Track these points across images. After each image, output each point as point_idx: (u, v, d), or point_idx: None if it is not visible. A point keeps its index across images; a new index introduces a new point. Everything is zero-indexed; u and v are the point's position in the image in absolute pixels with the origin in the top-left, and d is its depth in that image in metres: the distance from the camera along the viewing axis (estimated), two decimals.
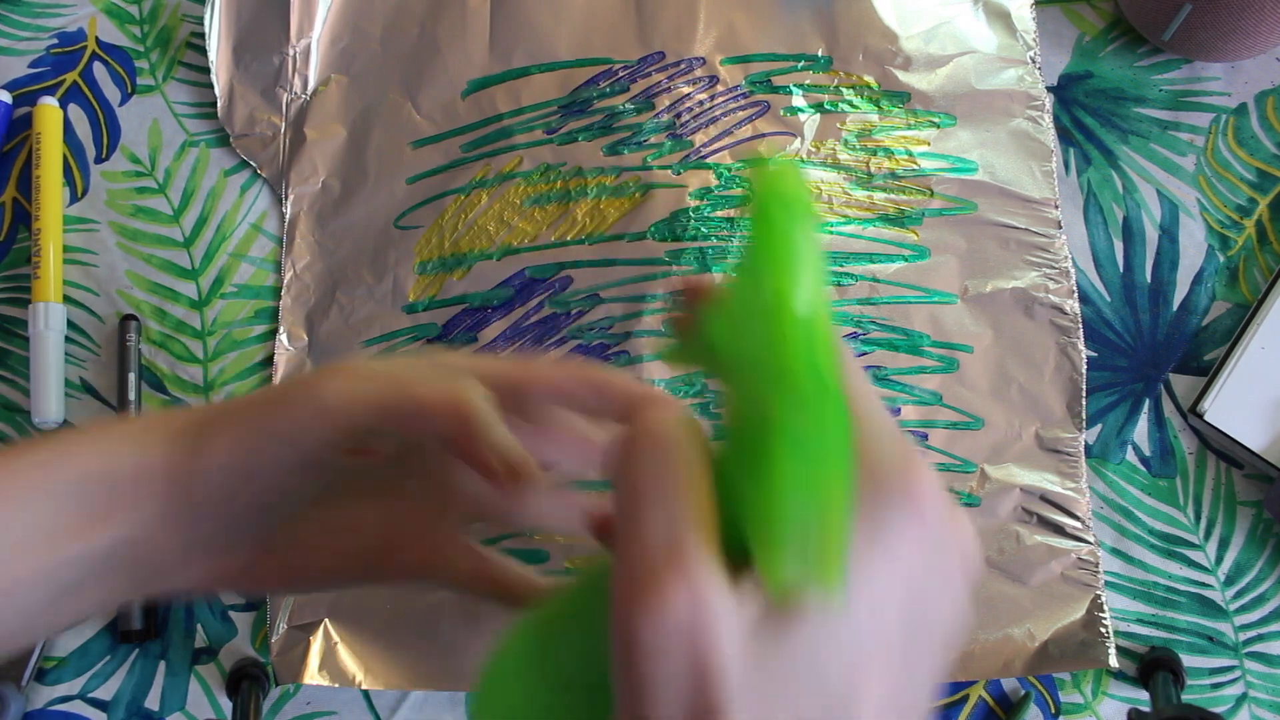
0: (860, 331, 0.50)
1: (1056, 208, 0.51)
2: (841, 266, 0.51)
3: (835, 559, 0.20)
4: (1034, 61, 0.53)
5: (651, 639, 0.20)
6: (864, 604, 0.21)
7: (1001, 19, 0.54)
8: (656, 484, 0.21)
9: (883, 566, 0.21)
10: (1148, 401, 0.50)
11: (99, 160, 0.54)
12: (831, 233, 0.51)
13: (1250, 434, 0.48)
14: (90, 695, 0.48)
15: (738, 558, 0.21)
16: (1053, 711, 0.47)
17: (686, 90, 0.53)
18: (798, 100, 0.53)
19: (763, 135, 0.52)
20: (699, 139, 0.52)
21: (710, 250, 0.51)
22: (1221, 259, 0.51)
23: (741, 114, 0.53)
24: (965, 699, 0.48)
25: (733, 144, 0.52)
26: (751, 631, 0.20)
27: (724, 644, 0.20)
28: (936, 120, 0.53)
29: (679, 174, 0.52)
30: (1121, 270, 0.52)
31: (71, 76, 0.55)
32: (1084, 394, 0.49)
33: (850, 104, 0.53)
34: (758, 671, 0.20)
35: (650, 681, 0.20)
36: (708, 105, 0.53)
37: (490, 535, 0.48)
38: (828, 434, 0.19)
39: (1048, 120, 0.53)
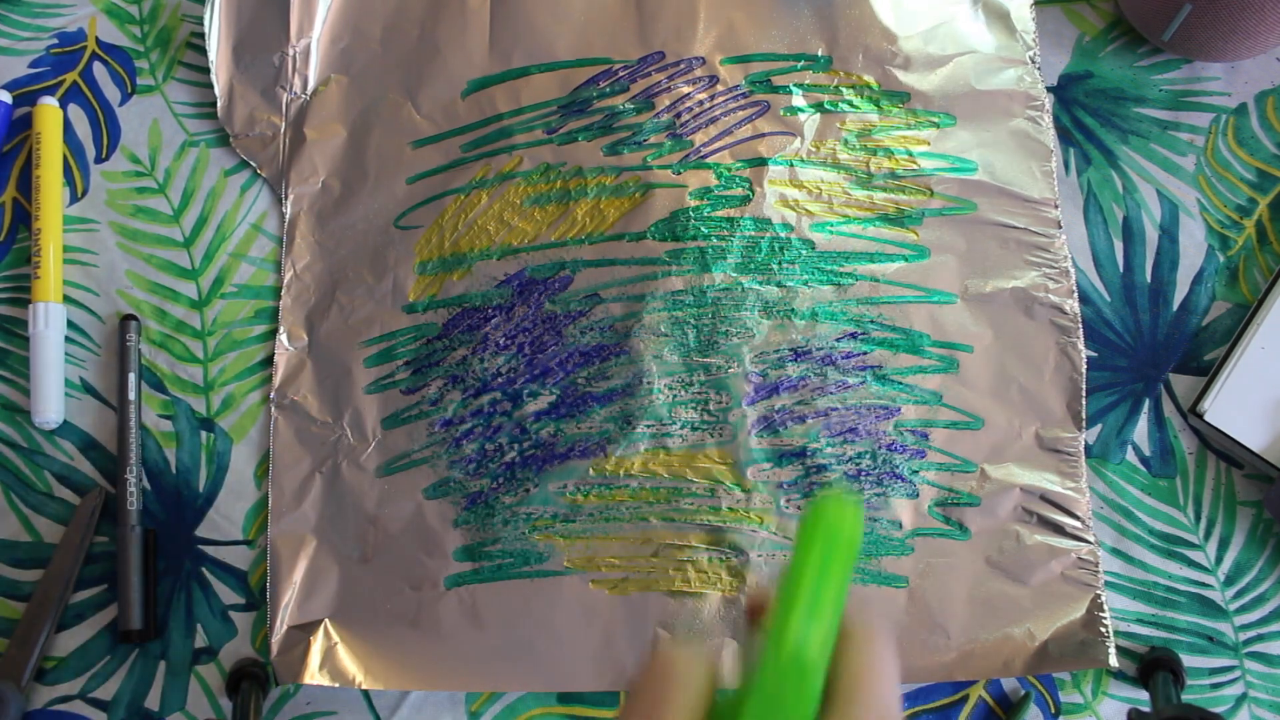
0: (860, 331, 0.50)
1: (1056, 208, 0.51)
2: (841, 266, 0.51)
3: None
4: (1034, 61, 0.53)
5: None
6: None
7: (1001, 19, 0.54)
8: (649, 696, 0.24)
9: None
10: (1148, 401, 0.50)
11: (99, 160, 0.54)
12: (832, 233, 0.51)
13: (1250, 434, 0.48)
14: (90, 695, 0.48)
15: None
16: (1053, 711, 0.47)
17: (686, 90, 0.53)
18: (798, 100, 0.53)
19: (763, 135, 0.52)
20: (699, 139, 0.52)
21: (710, 250, 0.51)
22: (1221, 259, 0.51)
23: (741, 114, 0.53)
24: (965, 699, 0.48)
25: (733, 144, 0.52)
26: None
27: None
28: (936, 120, 0.53)
29: (679, 174, 0.52)
30: (1121, 270, 0.52)
31: (71, 76, 0.55)
32: (1084, 394, 0.49)
33: (850, 104, 0.53)
34: None
35: None
36: (708, 105, 0.53)
37: (478, 540, 0.48)
38: (792, 699, 0.24)
39: (1047, 120, 0.53)
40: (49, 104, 0.53)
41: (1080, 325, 0.50)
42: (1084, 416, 0.49)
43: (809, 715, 0.24)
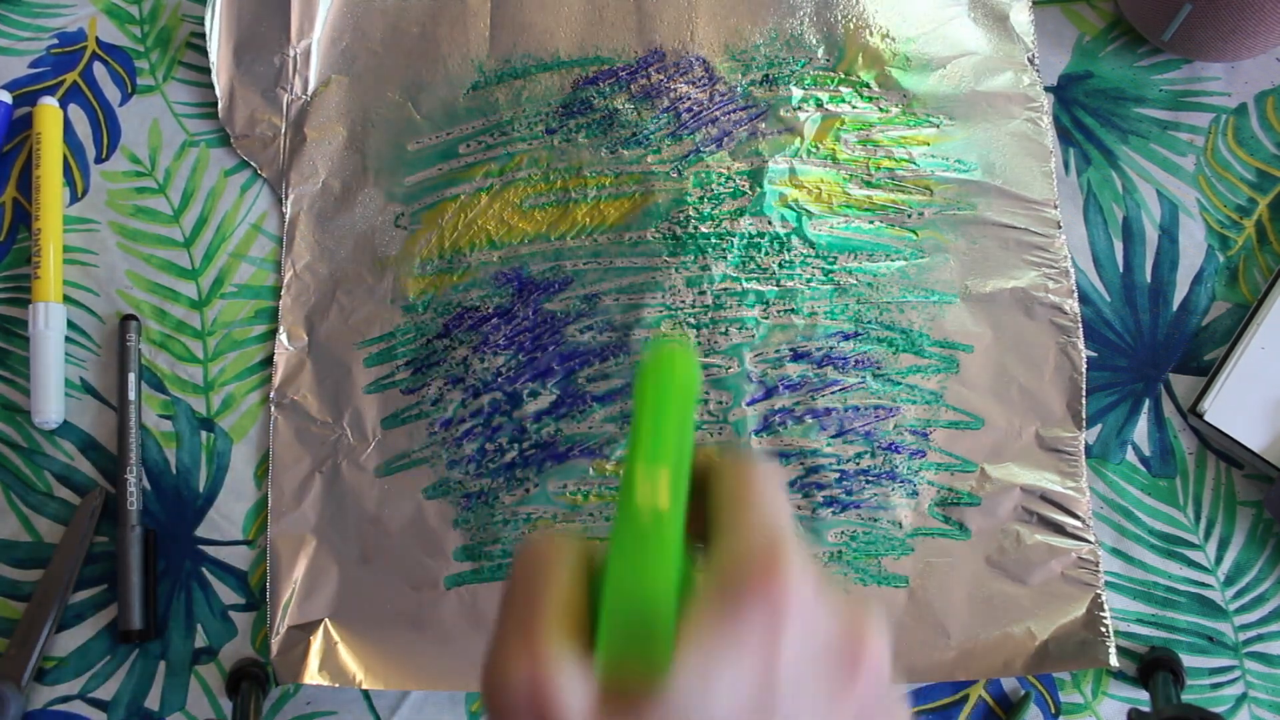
0: (860, 331, 0.50)
1: (1056, 208, 0.51)
2: (841, 266, 0.51)
3: (658, 638, 0.22)
4: (1033, 63, 0.53)
5: (500, 705, 0.22)
6: (712, 689, 0.21)
7: (1000, 21, 0.54)
8: (523, 582, 0.24)
9: (728, 653, 0.22)
10: (1148, 401, 0.50)
11: (99, 160, 0.54)
12: (831, 233, 0.51)
13: (1250, 434, 0.48)
14: (90, 695, 0.48)
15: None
16: (1053, 711, 0.47)
17: (686, 90, 0.53)
18: (798, 100, 0.53)
19: (763, 135, 0.52)
20: (699, 139, 0.52)
21: (710, 250, 0.51)
22: (1221, 259, 0.51)
23: (741, 114, 0.53)
24: (965, 699, 0.48)
25: (732, 144, 0.52)
26: (599, 709, 0.21)
27: (564, 709, 0.21)
28: (936, 121, 0.53)
29: (679, 174, 0.52)
30: (1121, 270, 0.52)
31: (71, 76, 0.55)
32: (1084, 394, 0.49)
33: (850, 104, 0.53)
34: None
35: None
36: (707, 105, 0.53)
37: (479, 539, 0.48)
38: (657, 534, 0.23)
39: (1047, 121, 0.53)
40: (49, 104, 0.53)
41: (1080, 325, 0.50)
42: (1084, 416, 0.49)
43: (673, 563, 0.23)
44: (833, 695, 0.22)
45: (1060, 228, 0.51)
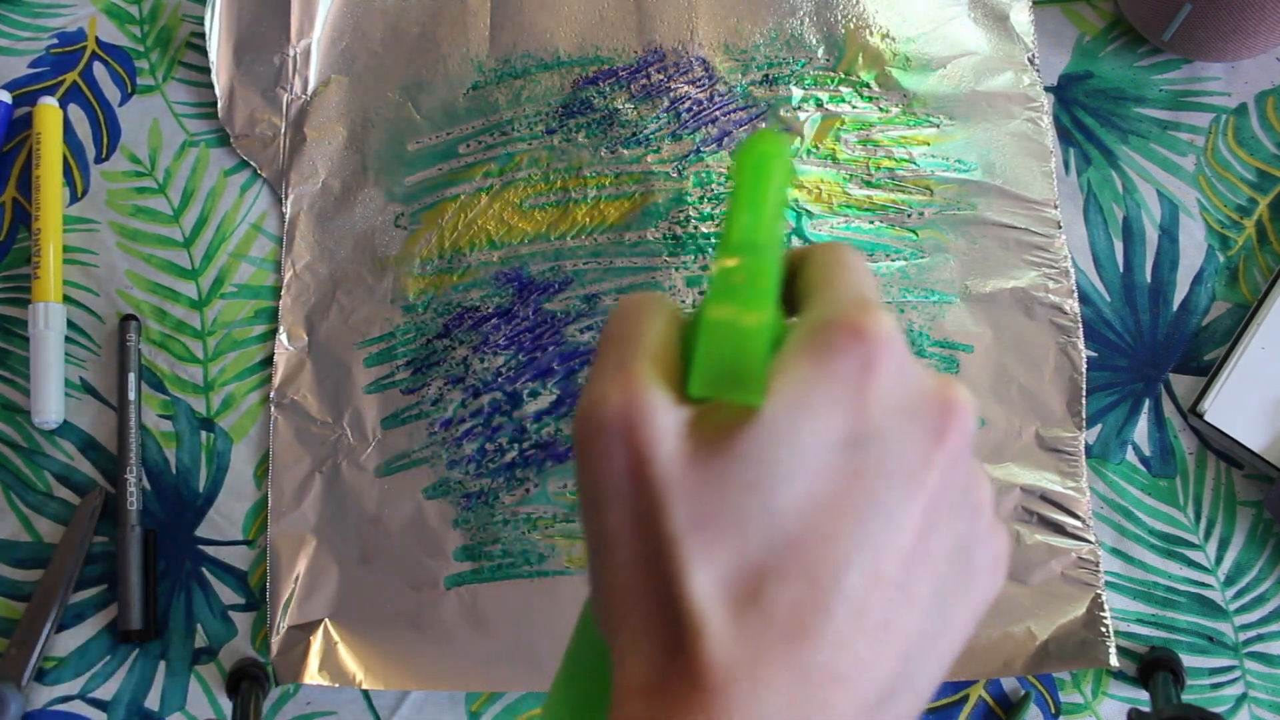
0: None
1: (1056, 208, 0.51)
2: None
3: (751, 373, 0.22)
4: (1033, 63, 0.53)
5: (593, 439, 0.22)
6: (803, 417, 0.21)
7: (1000, 21, 0.54)
8: (617, 330, 0.24)
9: (821, 384, 0.21)
10: (1148, 401, 0.50)
11: (99, 160, 0.54)
12: (831, 233, 0.51)
13: (1250, 434, 0.48)
14: (90, 695, 0.48)
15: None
16: (1053, 711, 0.47)
17: (686, 90, 0.53)
18: (798, 100, 0.53)
19: None
20: (699, 138, 0.52)
21: (710, 250, 0.51)
22: (1221, 259, 0.51)
23: (741, 114, 0.53)
24: (965, 699, 0.48)
25: (733, 144, 0.52)
26: (690, 434, 0.21)
27: (657, 437, 0.21)
28: (936, 121, 0.53)
29: (679, 174, 0.52)
30: (1121, 270, 0.52)
31: (71, 76, 0.55)
32: (1084, 394, 0.49)
33: (850, 104, 0.53)
34: (702, 480, 0.21)
35: (598, 484, 0.22)
36: (707, 105, 0.53)
37: (479, 539, 0.48)
38: (752, 283, 0.23)
39: (1047, 121, 0.53)
40: (49, 104, 0.53)
41: (1080, 325, 0.50)
42: (1084, 416, 0.49)
43: (769, 306, 0.23)
44: (923, 442, 0.22)
45: (1060, 228, 0.51)
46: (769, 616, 0.20)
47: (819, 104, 0.53)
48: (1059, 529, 0.48)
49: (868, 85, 0.53)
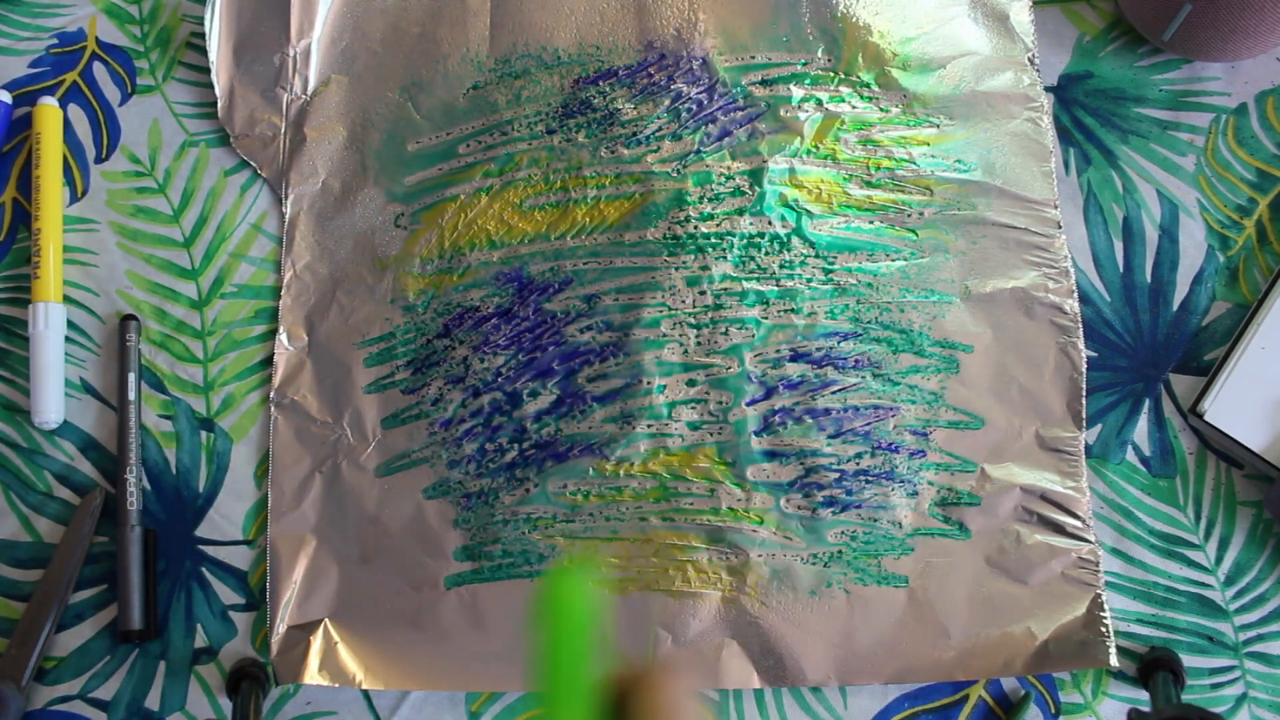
0: (860, 331, 0.50)
1: (1056, 208, 0.51)
2: (841, 266, 0.51)
3: None
4: (1033, 63, 0.53)
5: None
6: None
7: (1000, 21, 0.54)
8: None
9: None
10: (1148, 401, 0.50)
11: (99, 160, 0.54)
12: (831, 233, 0.51)
13: (1250, 434, 0.48)
14: (90, 695, 0.48)
15: None
16: (1053, 711, 0.47)
17: (686, 89, 0.53)
18: (798, 100, 0.53)
19: (763, 135, 0.52)
20: (699, 138, 0.52)
21: (710, 250, 0.51)
22: (1221, 259, 0.51)
23: (741, 114, 0.53)
24: (965, 699, 0.48)
25: (732, 144, 0.52)
26: None
27: None
28: (936, 121, 0.53)
29: (679, 173, 0.52)
30: (1121, 270, 0.52)
31: (71, 76, 0.55)
32: (1084, 394, 0.49)
33: (850, 104, 0.53)
34: None
35: None
36: (707, 105, 0.53)
37: (479, 540, 0.48)
38: None
39: (1047, 121, 0.53)
40: (49, 104, 0.53)
41: (1080, 325, 0.50)
42: (1084, 416, 0.49)
43: None
44: None
45: (1060, 228, 0.51)
46: None
47: (819, 104, 0.53)
48: (1059, 529, 0.48)
49: (868, 85, 0.53)
